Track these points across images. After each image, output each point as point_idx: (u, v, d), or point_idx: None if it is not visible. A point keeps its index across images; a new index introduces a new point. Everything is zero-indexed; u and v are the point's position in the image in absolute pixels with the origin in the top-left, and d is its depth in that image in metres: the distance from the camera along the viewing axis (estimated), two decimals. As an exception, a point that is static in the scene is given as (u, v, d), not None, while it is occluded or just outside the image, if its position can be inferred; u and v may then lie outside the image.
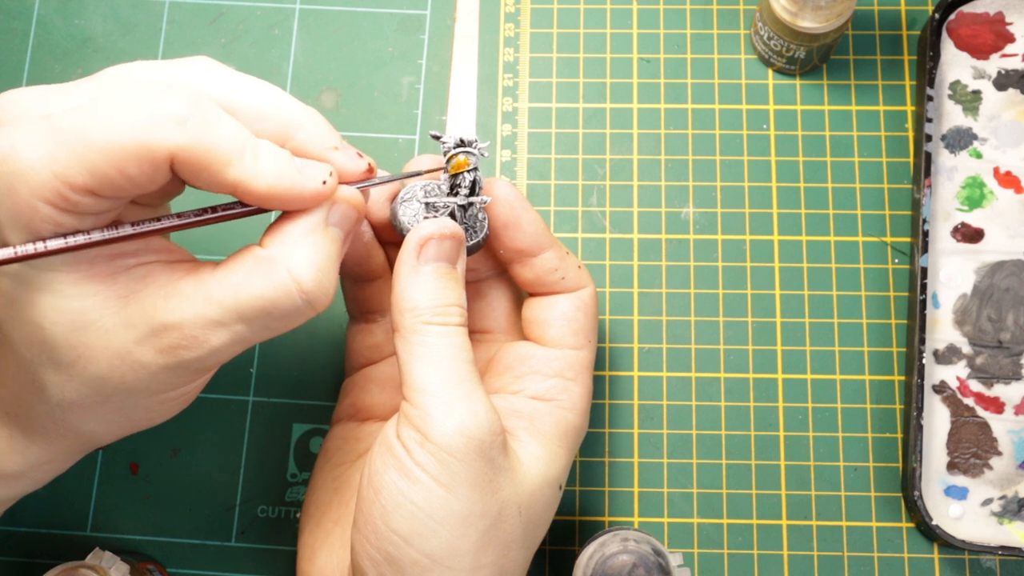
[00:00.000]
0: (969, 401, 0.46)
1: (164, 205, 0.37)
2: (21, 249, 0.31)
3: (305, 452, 0.48)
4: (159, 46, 0.52)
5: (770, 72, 0.51)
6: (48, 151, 0.30)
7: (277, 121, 0.34)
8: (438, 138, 0.38)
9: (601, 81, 0.51)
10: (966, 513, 0.45)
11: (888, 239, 0.49)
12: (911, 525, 0.46)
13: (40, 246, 0.32)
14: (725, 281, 0.49)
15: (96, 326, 0.33)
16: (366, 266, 0.42)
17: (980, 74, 0.49)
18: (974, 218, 0.48)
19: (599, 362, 0.48)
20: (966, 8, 0.49)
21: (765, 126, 0.50)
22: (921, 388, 0.45)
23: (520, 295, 0.44)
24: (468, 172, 0.38)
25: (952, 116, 0.49)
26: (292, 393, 0.48)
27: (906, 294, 0.48)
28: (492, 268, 0.43)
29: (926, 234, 0.47)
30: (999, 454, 0.46)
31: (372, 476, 0.35)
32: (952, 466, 0.46)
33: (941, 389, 0.46)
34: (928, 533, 0.45)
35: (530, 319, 0.42)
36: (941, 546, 0.46)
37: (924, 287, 0.46)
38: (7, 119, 0.32)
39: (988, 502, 0.45)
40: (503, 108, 0.51)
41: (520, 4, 0.52)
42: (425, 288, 0.36)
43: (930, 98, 0.48)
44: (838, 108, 0.51)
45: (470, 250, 0.40)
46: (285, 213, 0.35)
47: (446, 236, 0.37)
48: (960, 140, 0.49)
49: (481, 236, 0.40)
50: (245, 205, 0.34)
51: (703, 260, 0.49)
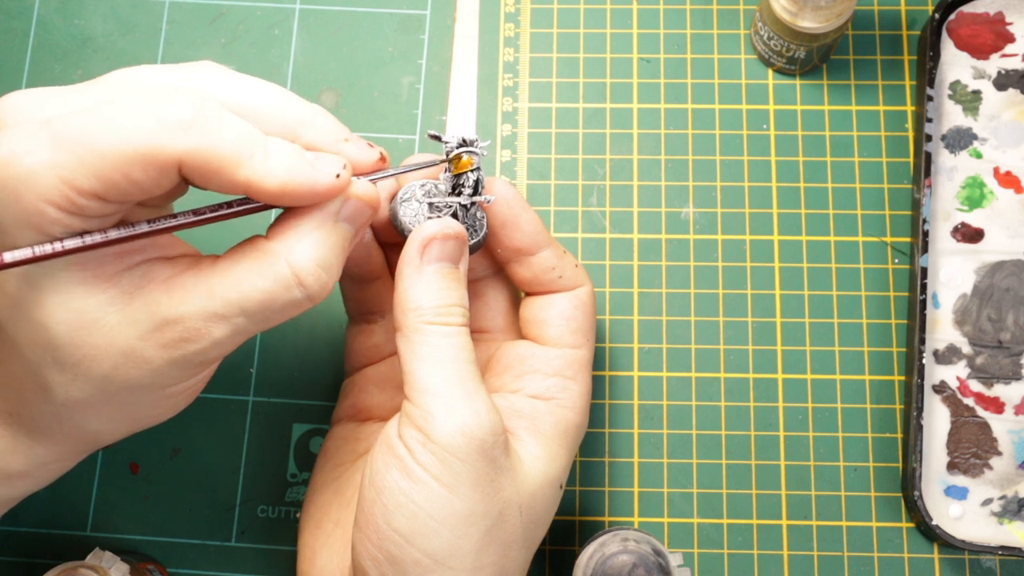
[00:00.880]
0: (969, 401, 0.46)
1: (167, 205, 0.37)
2: (39, 249, 0.31)
3: (305, 452, 0.48)
4: (159, 46, 0.52)
5: (770, 72, 0.51)
6: (52, 155, 0.30)
7: (283, 120, 0.34)
8: (437, 138, 0.38)
9: (601, 81, 0.51)
10: (966, 513, 0.45)
11: (888, 239, 0.49)
12: (911, 525, 0.46)
13: (58, 246, 0.32)
14: (725, 281, 0.49)
15: (100, 324, 0.33)
16: (365, 267, 0.42)
17: (980, 74, 0.49)
18: (974, 218, 0.48)
19: (599, 362, 0.48)
20: (966, 8, 0.49)
21: (765, 126, 0.50)
22: (921, 388, 0.45)
23: (517, 294, 0.44)
24: (472, 172, 0.38)
25: (952, 116, 0.49)
26: (292, 393, 0.48)
27: (906, 294, 0.48)
28: (489, 267, 0.43)
29: (926, 234, 0.47)
30: (999, 454, 0.46)
31: (374, 476, 0.35)
32: (952, 466, 0.46)
33: (941, 389, 0.46)
34: (928, 533, 0.45)
35: (528, 318, 0.42)
36: (941, 546, 0.46)
37: (924, 287, 0.46)
38: (9, 122, 0.32)
39: (988, 502, 0.45)
40: (503, 108, 0.51)
41: (520, 4, 0.52)
42: (428, 288, 0.36)
43: (930, 98, 0.48)
44: (838, 108, 0.51)
45: (470, 249, 0.40)
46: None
47: (450, 236, 0.37)
48: (960, 140, 0.49)
49: (481, 235, 0.40)
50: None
51: (703, 260, 0.49)
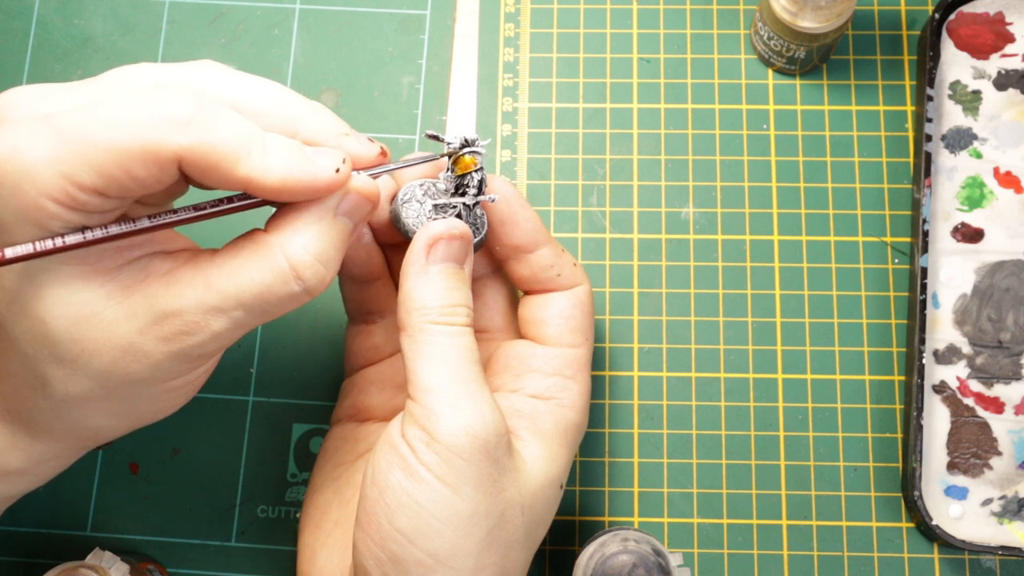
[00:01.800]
0: (969, 401, 0.46)
1: (168, 204, 0.37)
2: (40, 245, 0.31)
3: (305, 452, 0.48)
4: (159, 46, 0.52)
5: (770, 72, 0.51)
6: (53, 151, 0.30)
7: (283, 117, 0.34)
8: (436, 138, 0.38)
9: (601, 81, 0.51)
10: (966, 513, 0.45)
11: (888, 239, 0.49)
12: (911, 525, 0.46)
13: (59, 241, 0.32)
14: (725, 281, 0.49)
15: (99, 318, 0.33)
16: (365, 267, 0.42)
17: (980, 74, 0.49)
18: (974, 218, 0.48)
19: (599, 362, 0.48)
20: (966, 8, 0.49)
21: (765, 126, 0.50)
22: (921, 388, 0.45)
23: (516, 294, 0.44)
24: (476, 172, 0.38)
25: (952, 116, 0.49)
26: (292, 393, 0.48)
27: (906, 294, 0.48)
28: (487, 266, 0.43)
29: (926, 234, 0.47)
30: (999, 454, 0.46)
31: (376, 475, 0.35)
32: (952, 466, 0.46)
33: (941, 389, 0.46)
34: (928, 533, 0.45)
35: (527, 318, 0.42)
36: (941, 546, 0.46)
37: (924, 287, 0.46)
38: (8, 117, 0.32)
39: (988, 502, 0.45)
40: (503, 108, 0.51)
41: (520, 4, 0.52)
42: (433, 288, 0.36)
43: (930, 98, 0.48)
44: (838, 108, 0.51)
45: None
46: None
47: (455, 236, 0.37)
48: (960, 140, 0.49)
49: (483, 234, 0.40)
50: None
51: (703, 260, 0.49)
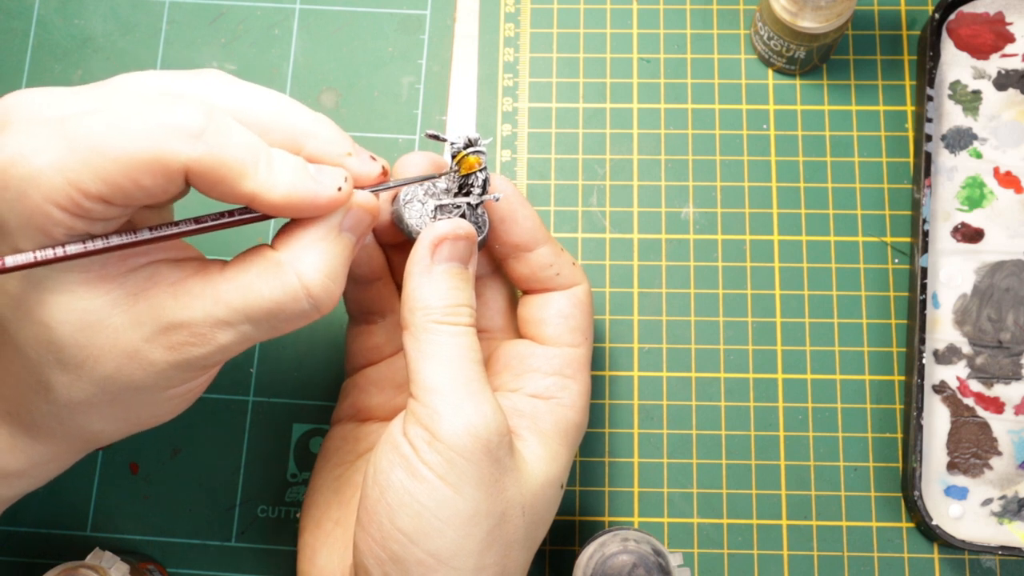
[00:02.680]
0: (969, 401, 0.46)
1: (169, 206, 0.37)
2: (40, 254, 0.31)
3: (305, 452, 0.48)
4: (159, 46, 0.52)
5: (770, 72, 0.51)
6: (59, 157, 0.30)
7: (288, 130, 0.34)
8: (436, 138, 0.38)
9: (601, 81, 0.51)
10: (966, 513, 0.45)
11: (888, 239, 0.49)
12: (911, 525, 0.46)
13: (60, 251, 0.32)
14: (725, 281, 0.49)
15: (104, 325, 0.33)
16: (366, 268, 0.42)
17: (980, 74, 0.49)
18: (974, 218, 0.48)
19: (599, 362, 0.48)
20: (966, 8, 0.49)
21: (765, 126, 0.50)
22: (921, 388, 0.45)
23: (515, 293, 0.44)
24: (481, 171, 0.38)
25: (952, 116, 0.49)
26: (292, 393, 0.48)
27: (906, 294, 0.48)
28: (487, 266, 0.43)
29: (926, 234, 0.47)
30: (999, 454, 0.46)
31: (378, 474, 0.35)
32: (952, 466, 0.46)
33: (941, 389, 0.46)
34: (928, 533, 0.45)
35: (526, 318, 0.42)
36: (941, 546, 0.46)
37: (924, 287, 0.46)
38: (13, 121, 0.32)
39: (988, 502, 0.45)
40: (503, 108, 0.51)
41: (520, 4, 0.52)
42: (437, 288, 0.36)
43: (930, 98, 0.48)
44: (838, 108, 0.51)
45: None
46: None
47: (460, 237, 0.37)
48: (960, 140, 0.49)
49: (485, 233, 0.40)
50: None
51: (703, 260, 0.49)
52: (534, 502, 0.37)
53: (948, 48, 0.49)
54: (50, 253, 0.31)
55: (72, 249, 0.32)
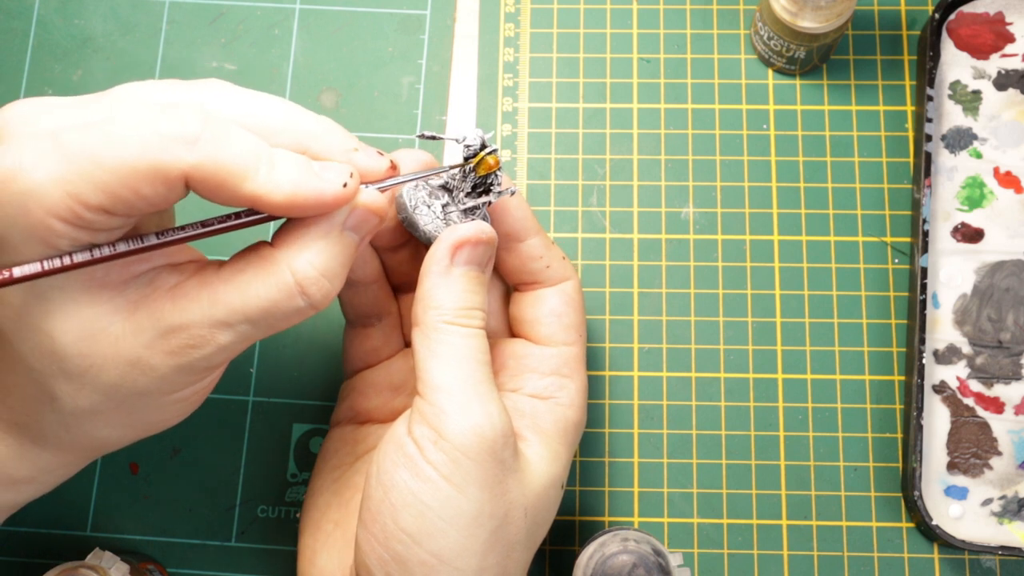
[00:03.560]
0: (969, 401, 0.46)
1: (170, 211, 0.37)
2: (48, 264, 0.31)
3: (305, 452, 0.48)
4: (159, 46, 0.52)
5: (770, 72, 0.51)
6: (59, 170, 0.30)
7: (292, 134, 0.34)
8: (434, 138, 0.38)
9: (601, 81, 0.51)
10: (966, 513, 0.45)
11: (888, 239, 0.49)
12: (911, 525, 0.46)
13: (67, 260, 0.31)
14: (725, 281, 0.49)
15: (106, 333, 0.33)
16: (361, 272, 0.42)
17: (980, 74, 0.49)
18: (974, 218, 0.48)
19: (600, 362, 0.48)
20: (966, 8, 0.49)
21: (765, 126, 0.50)
22: (921, 388, 0.45)
23: (509, 294, 0.44)
24: (498, 172, 0.38)
25: (952, 116, 0.49)
26: (292, 393, 0.48)
27: (906, 294, 0.48)
28: None
29: (926, 234, 0.47)
30: (999, 454, 0.46)
31: (381, 474, 0.35)
32: (952, 466, 0.46)
33: (941, 389, 0.46)
34: (928, 533, 0.45)
35: (519, 317, 0.42)
36: (941, 546, 0.46)
37: (924, 287, 0.46)
38: (10, 134, 0.32)
39: (988, 502, 0.45)
40: (503, 108, 0.51)
41: (520, 4, 0.52)
42: (453, 290, 0.37)
43: (930, 98, 0.48)
44: (838, 108, 0.51)
45: None
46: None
47: (482, 241, 0.37)
48: (960, 140, 0.49)
49: None
50: None
51: (703, 260, 0.49)
52: (536, 503, 0.37)
53: (948, 48, 0.49)
54: (57, 263, 0.31)
55: (79, 258, 0.32)
